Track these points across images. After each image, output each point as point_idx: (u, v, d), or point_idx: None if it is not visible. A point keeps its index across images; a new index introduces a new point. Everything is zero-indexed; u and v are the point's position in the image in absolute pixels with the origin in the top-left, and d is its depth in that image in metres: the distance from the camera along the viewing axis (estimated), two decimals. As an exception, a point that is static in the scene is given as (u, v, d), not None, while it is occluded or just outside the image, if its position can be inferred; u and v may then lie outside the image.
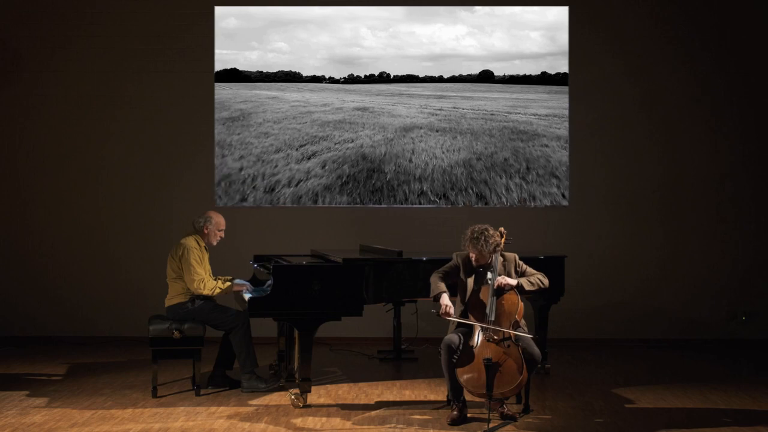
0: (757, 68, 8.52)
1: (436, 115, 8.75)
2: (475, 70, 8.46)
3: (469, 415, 5.40)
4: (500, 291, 5.41)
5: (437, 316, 5.45)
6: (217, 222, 6.43)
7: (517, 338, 5.30)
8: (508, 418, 5.39)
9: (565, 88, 8.55)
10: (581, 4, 8.54)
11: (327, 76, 8.54)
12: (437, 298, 5.46)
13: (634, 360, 7.66)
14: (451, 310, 5.39)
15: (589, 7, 8.54)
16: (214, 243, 6.46)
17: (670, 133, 8.54)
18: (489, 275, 5.46)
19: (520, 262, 5.64)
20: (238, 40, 8.49)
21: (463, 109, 8.69)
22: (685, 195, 8.53)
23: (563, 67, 8.52)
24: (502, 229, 5.75)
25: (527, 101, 8.68)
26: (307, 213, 8.49)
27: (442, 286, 5.50)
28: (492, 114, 8.65)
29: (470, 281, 5.54)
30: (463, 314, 5.49)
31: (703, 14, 8.51)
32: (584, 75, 8.53)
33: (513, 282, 5.43)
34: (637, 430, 5.27)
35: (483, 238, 5.39)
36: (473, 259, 5.50)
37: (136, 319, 7.82)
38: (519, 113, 8.67)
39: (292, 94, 8.68)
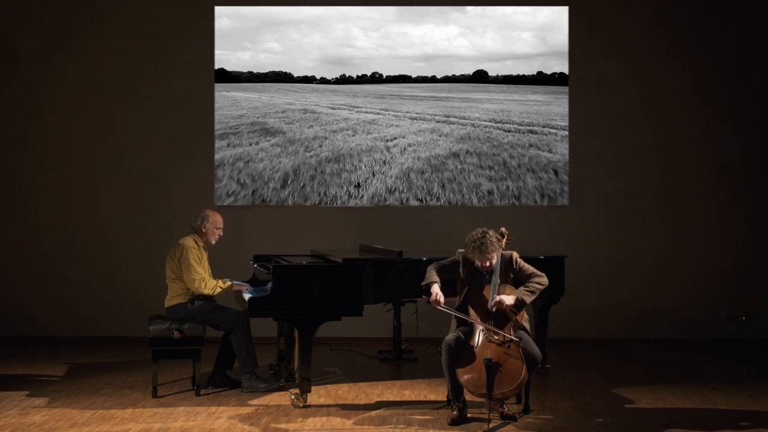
0: (757, 68, 8.52)
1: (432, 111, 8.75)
2: (467, 70, 8.47)
3: (469, 415, 5.40)
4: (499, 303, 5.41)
5: (427, 303, 5.46)
6: (215, 220, 6.40)
7: (518, 338, 5.30)
8: (508, 418, 5.39)
9: (560, 88, 8.55)
10: (581, 4, 8.53)
11: (318, 77, 8.54)
12: (428, 287, 5.49)
13: (634, 360, 7.66)
14: (441, 299, 5.41)
15: (588, 7, 8.54)
16: (213, 241, 6.43)
17: (669, 133, 8.54)
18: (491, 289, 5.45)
19: (518, 260, 5.60)
20: (231, 40, 8.49)
21: (459, 110, 8.68)
22: (684, 195, 8.53)
23: (555, 67, 8.52)
24: (503, 229, 5.73)
25: (522, 102, 8.67)
26: (307, 213, 8.49)
27: (435, 277, 5.53)
28: (487, 114, 8.65)
29: (473, 281, 5.54)
30: (463, 311, 5.48)
31: (702, 14, 8.51)
32: (584, 75, 8.53)
33: (511, 301, 5.39)
34: (637, 430, 5.27)
35: (485, 245, 5.38)
36: (478, 265, 5.49)
37: (136, 319, 7.81)
38: (515, 113, 8.66)
39: (271, 96, 8.64)
